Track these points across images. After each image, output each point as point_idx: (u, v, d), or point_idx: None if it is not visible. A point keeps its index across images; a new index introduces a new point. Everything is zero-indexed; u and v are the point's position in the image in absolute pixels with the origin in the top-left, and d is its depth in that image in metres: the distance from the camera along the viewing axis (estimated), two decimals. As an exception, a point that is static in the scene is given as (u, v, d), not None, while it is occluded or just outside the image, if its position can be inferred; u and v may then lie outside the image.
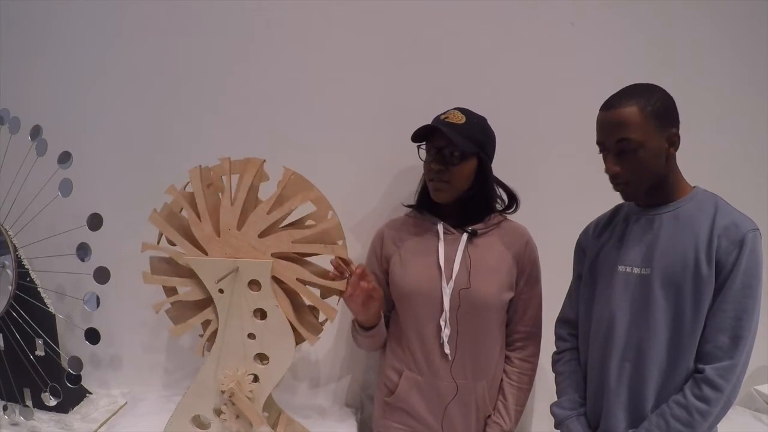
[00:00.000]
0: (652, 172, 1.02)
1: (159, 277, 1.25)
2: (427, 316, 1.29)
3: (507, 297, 1.30)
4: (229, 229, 1.19)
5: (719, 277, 0.98)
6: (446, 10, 1.50)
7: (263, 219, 1.18)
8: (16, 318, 1.44)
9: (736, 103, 1.59)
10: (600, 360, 1.13)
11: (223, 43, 1.52)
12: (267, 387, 1.25)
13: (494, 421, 1.33)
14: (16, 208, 1.47)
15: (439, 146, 1.23)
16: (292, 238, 1.18)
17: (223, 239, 1.20)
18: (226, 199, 1.19)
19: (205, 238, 1.20)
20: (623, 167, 1.02)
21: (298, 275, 1.19)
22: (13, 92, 1.56)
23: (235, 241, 1.19)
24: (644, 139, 0.99)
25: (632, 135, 0.99)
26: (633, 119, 0.99)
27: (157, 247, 1.25)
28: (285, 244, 1.18)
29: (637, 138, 0.99)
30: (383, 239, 1.39)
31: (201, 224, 1.20)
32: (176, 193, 1.22)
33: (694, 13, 1.53)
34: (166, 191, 1.22)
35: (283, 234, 1.18)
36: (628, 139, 0.99)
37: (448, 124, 1.22)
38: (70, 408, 1.56)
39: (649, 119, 0.99)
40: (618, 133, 1.00)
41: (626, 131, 0.99)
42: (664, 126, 1.00)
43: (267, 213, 1.18)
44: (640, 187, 1.04)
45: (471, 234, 1.28)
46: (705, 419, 0.98)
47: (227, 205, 1.19)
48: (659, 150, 1.01)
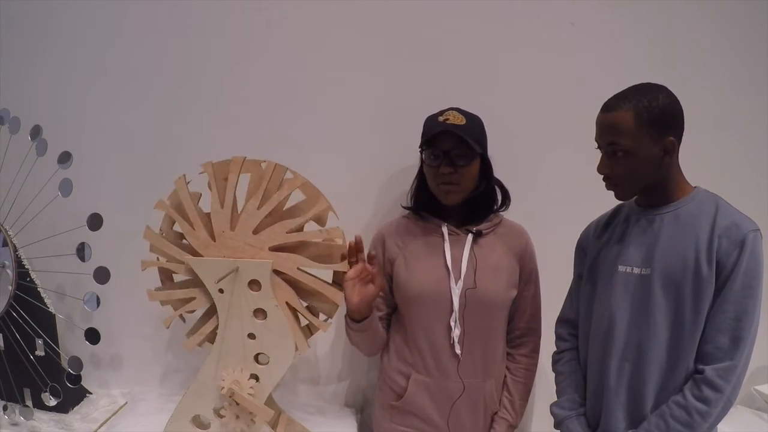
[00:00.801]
0: (641, 178, 1.03)
1: (163, 293, 1.26)
2: (435, 317, 1.28)
3: (512, 295, 1.31)
4: (223, 231, 1.19)
5: (720, 277, 0.98)
6: (446, 10, 1.50)
7: (254, 215, 1.18)
8: (16, 318, 1.44)
9: (736, 103, 1.58)
10: (600, 360, 1.13)
11: (223, 43, 1.52)
12: (267, 387, 1.25)
13: (501, 417, 1.34)
14: (16, 208, 1.47)
15: (446, 149, 1.22)
16: (286, 229, 1.18)
17: (219, 242, 1.20)
18: (215, 202, 1.19)
19: (201, 245, 1.21)
20: (613, 169, 1.03)
21: (298, 264, 1.19)
22: (13, 92, 1.56)
23: (231, 242, 1.19)
24: (635, 147, 0.99)
25: (623, 141, 0.99)
26: (626, 126, 0.99)
27: (157, 263, 1.26)
28: (280, 235, 1.18)
29: (627, 144, 0.99)
30: (384, 243, 1.37)
31: (195, 232, 1.20)
32: (166, 208, 1.22)
33: (694, 13, 1.53)
34: (156, 207, 1.22)
35: (276, 226, 1.18)
36: (619, 144, 1.00)
37: (451, 126, 1.21)
38: (70, 408, 1.56)
39: (643, 127, 0.98)
40: (610, 136, 1.01)
41: (617, 136, 1.00)
42: (660, 134, 0.99)
43: (257, 209, 1.18)
44: (629, 190, 1.06)
45: (476, 234, 1.29)
46: (705, 420, 0.98)
47: (217, 208, 1.19)
48: (650, 158, 1.00)
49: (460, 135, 1.19)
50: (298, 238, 1.19)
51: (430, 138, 1.23)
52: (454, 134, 1.20)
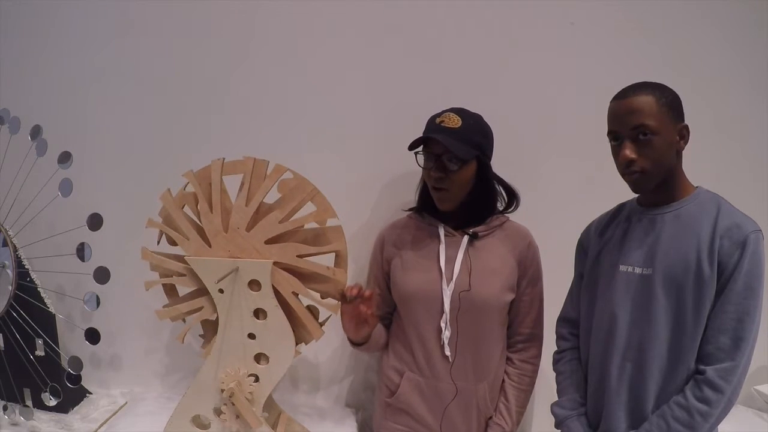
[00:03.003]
0: (666, 164, 1.02)
1: (156, 256, 1.25)
2: (427, 318, 1.28)
3: (508, 298, 1.29)
4: (238, 228, 1.19)
5: (721, 278, 0.98)
6: (446, 10, 1.50)
7: (274, 227, 1.18)
8: (16, 318, 1.44)
9: (736, 103, 1.59)
10: (601, 360, 1.13)
11: (223, 44, 1.52)
12: (267, 387, 1.25)
13: (495, 422, 1.32)
14: (16, 208, 1.47)
15: (437, 153, 1.22)
16: (298, 252, 1.18)
17: (230, 236, 1.19)
18: (241, 198, 1.19)
19: (213, 230, 1.20)
20: (639, 155, 1.01)
21: (297, 251, 1.19)
22: (13, 92, 1.56)
23: (241, 240, 1.19)
24: (660, 128, 0.99)
25: (649, 122, 0.99)
26: (650, 107, 0.99)
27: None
28: (290, 256, 1.18)
29: (653, 125, 0.99)
30: (384, 242, 1.39)
31: (212, 216, 1.20)
32: (193, 179, 1.21)
33: (694, 13, 1.53)
34: (183, 175, 1.21)
35: (289, 246, 1.18)
36: (645, 125, 0.99)
37: (444, 129, 1.20)
38: (70, 408, 1.55)
39: (663, 109, 0.99)
40: (635, 119, 1.00)
41: (643, 118, 0.99)
42: (676, 119, 1.02)
43: (279, 222, 1.18)
44: (652, 178, 1.03)
45: (472, 237, 1.28)
46: (706, 420, 0.97)
47: (241, 204, 1.19)
48: (671, 142, 1.01)
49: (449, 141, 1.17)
50: (306, 266, 1.18)
51: (419, 141, 1.22)
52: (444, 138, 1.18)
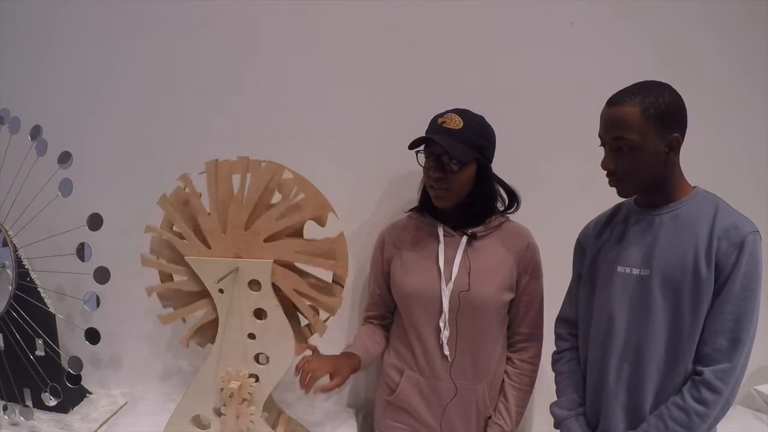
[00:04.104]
0: (647, 174, 1.02)
1: (156, 262, 1.25)
2: (427, 317, 1.29)
3: (507, 298, 1.29)
4: (236, 228, 1.19)
5: (718, 279, 0.98)
6: (446, 11, 1.50)
7: (272, 224, 1.18)
8: (16, 318, 1.44)
9: (735, 103, 1.58)
10: (599, 360, 1.13)
11: (224, 44, 1.52)
12: (267, 387, 1.25)
13: (495, 422, 1.33)
14: (16, 208, 1.47)
15: (437, 153, 1.22)
16: (297, 249, 1.18)
17: (229, 236, 1.20)
18: (238, 197, 1.19)
19: (210, 230, 1.20)
20: (617, 165, 1.02)
21: (295, 286, 1.19)
22: (13, 92, 1.56)
23: (240, 240, 1.19)
24: (641, 142, 0.99)
25: (629, 135, 0.98)
26: (632, 120, 0.98)
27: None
28: (289, 253, 1.18)
29: (633, 139, 0.98)
30: (384, 243, 1.40)
31: (209, 216, 1.20)
32: (189, 182, 1.22)
33: (693, 13, 1.53)
34: (178, 179, 1.21)
35: (288, 243, 1.18)
36: (625, 139, 0.99)
37: (445, 130, 1.20)
38: (70, 408, 1.56)
39: (649, 122, 0.98)
40: (616, 131, 1.00)
41: (624, 131, 0.99)
42: (666, 130, 0.99)
43: (276, 219, 1.18)
44: (633, 186, 1.04)
45: (470, 237, 1.28)
46: (703, 421, 0.98)
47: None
48: (656, 154, 1.00)
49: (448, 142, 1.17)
50: (305, 261, 1.19)
51: (419, 141, 1.22)
52: (443, 140, 1.18)
